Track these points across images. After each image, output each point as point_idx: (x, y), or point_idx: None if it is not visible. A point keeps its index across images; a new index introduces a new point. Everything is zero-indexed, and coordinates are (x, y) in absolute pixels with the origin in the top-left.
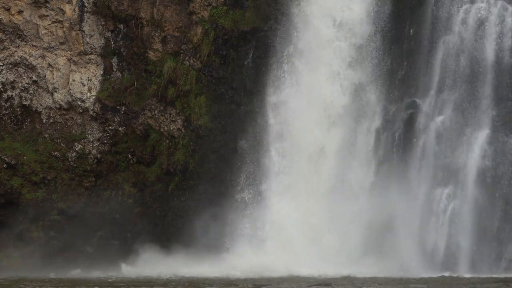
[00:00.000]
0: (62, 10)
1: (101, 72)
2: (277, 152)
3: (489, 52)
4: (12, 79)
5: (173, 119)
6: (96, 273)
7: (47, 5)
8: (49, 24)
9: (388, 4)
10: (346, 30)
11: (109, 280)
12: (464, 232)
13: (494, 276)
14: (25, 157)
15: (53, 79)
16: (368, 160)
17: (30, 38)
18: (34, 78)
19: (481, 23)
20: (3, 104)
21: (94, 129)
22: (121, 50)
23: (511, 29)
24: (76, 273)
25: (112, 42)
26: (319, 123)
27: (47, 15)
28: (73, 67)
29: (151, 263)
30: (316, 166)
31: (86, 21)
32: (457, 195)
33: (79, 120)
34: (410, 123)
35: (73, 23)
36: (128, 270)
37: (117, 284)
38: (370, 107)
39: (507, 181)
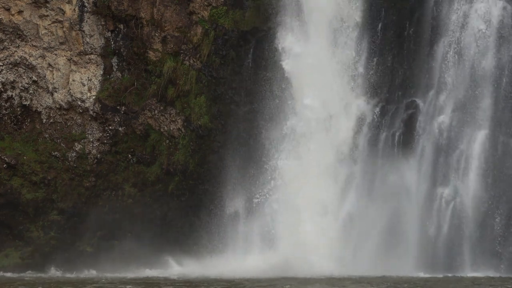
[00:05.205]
0: (62, 10)
1: (101, 72)
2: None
3: (489, 52)
4: (12, 79)
5: (173, 119)
6: (96, 273)
7: (47, 5)
8: (49, 24)
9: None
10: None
11: (109, 279)
12: (464, 231)
13: (495, 275)
14: (25, 157)
15: (53, 79)
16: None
17: (30, 38)
18: (34, 78)
19: (481, 23)
20: (3, 104)
21: (94, 129)
22: (121, 50)
23: (510, 29)
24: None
25: (112, 42)
26: None
27: (47, 15)
28: (73, 67)
29: (152, 263)
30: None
31: (86, 21)
32: (457, 194)
33: (79, 120)
34: (410, 123)
35: (73, 23)
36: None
37: (119, 283)
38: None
39: (507, 181)
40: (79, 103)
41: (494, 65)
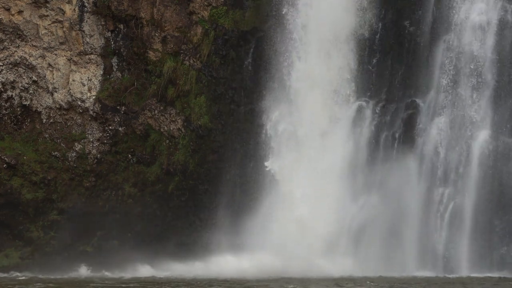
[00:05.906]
0: (62, 10)
1: (101, 72)
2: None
3: (489, 52)
4: (12, 79)
5: (173, 119)
6: (96, 273)
7: (47, 5)
8: (49, 24)
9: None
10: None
11: (109, 280)
12: (464, 231)
13: (494, 275)
14: (25, 157)
15: (53, 79)
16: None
17: (30, 38)
18: (34, 78)
19: (481, 23)
20: (3, 104)
21: (94, 129)
22: (121, 50)
23: (511, 29)
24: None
25: (112, 42)
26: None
27: (47, 15)
28: (73, 67)
29: (152, 263)
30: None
31: (86, 21)
32: (457, 195)
33: (79, 120)
34: (410, 123)
35: (73, 23)
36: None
37: (119, 283)
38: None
39: (507, 181)
40: (79, 103)
41: (494, 65)
